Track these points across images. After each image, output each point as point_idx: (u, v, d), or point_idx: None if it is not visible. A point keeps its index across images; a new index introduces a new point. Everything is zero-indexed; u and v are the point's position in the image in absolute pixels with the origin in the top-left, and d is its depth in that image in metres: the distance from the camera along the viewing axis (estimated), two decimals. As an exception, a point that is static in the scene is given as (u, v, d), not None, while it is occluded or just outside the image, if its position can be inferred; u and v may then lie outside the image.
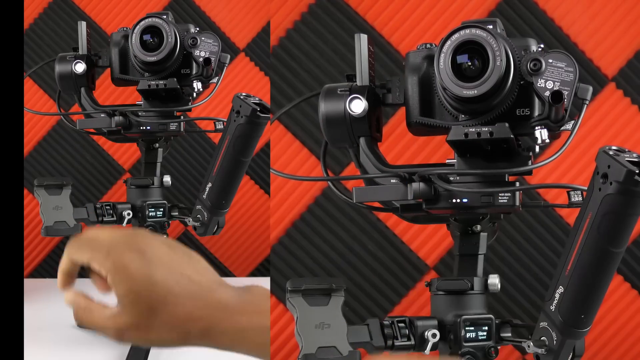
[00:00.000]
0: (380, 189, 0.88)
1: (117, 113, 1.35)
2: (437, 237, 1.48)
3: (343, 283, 0.84)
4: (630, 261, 1.45)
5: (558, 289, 0.79)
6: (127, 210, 1.36)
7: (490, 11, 1.47)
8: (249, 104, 1.18)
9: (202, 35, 1.30)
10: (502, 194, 0.85)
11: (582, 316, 0.79)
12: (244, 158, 1.23)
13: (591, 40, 1.45)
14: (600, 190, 0.75)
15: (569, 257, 0.78)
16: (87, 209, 1.34)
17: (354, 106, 0.88)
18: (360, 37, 0.90)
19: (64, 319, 1.58)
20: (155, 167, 1.41)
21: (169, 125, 1.35)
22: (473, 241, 0.91)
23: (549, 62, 0.81)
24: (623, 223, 0.75)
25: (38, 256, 2.05)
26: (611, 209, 0.74)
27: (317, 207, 1.51)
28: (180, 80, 1.32)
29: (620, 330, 1.45)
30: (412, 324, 0.87)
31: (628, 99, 1.45)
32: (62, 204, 1.32)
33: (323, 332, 0.81)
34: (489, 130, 0.82)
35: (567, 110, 0.82)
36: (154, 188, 1.39)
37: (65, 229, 1.32)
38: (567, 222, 1.46)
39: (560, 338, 0.80)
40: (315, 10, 1.51)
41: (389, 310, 1.49)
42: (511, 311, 1.46)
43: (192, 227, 1.28)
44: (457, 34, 0.82)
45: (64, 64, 1.39)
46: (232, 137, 1.20)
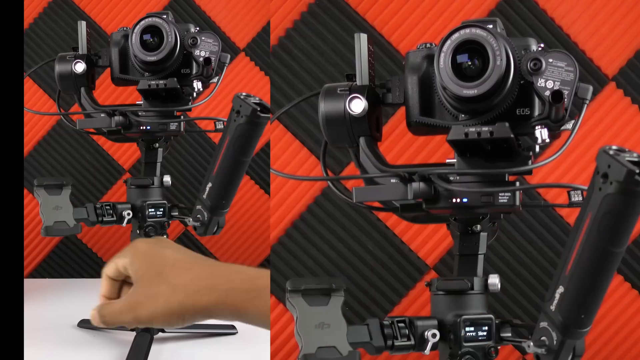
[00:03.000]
0: (380, 188, 0.88)
1: (117, 113, 1.35)
2: (437, 237, 1.48)
3: (343, 283, 0.84)
4: (630, 261, 1.45)
5: (558, 289, 0.79)
6: (127, 210, 1.36)
7: (490, 11, 1.47)
8: (249, 103, 1.18)
9: (202, 35, 1.30)
10: (502, 193, 0.85)
11: (582, 316, 0.79)
12: (244, 158, 1.23)
13: (591, 40, 1.45)
14: (600, 190, 0.74)
15: (569, 257, 0.78)
16: (87, 209, 1.34)
17: (353, 106, 0.88)
18: (360, 36, 0.90)
19: (64, 319, 1.59)
20: (155, 167, 1.41)
21: (169, 125, 1.35)
22: (473, 241, 0.91)
23: (549, 61, 0.81)
24: (623, 223, 0.75)
25: (38, 256, 2.05)
26: (611, 208, 0.74)
27: (317, 207, 1.51)
28: (180, 80, 1.32)
29: (620, 330, 1.45)
30: (412, 324, 0.87)
31: (628, 98, 1.45)
32: (62, 204, 1.32)
33: (323, 332, 0.81)
34: (489, 130, 0.82)
35: (567, 109, 0.82)
36: (154, 188, 1.39)
37: (65, 229, 1.32)
38: (567, 222, 1.46)
39: (560, 338, 0.80)
40: (315, 10, 1.51)
41: (389, 310, 1.49)
42: (511, 311, 1.46)
43: (192, 227, 1.28)
44: (457, 33, 0.82)
45: (64, 64, 1.39)
46: (232, 137, 1.20)
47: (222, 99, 1.91)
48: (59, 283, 1.98)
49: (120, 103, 1.57)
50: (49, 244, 2.05)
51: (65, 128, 2.01)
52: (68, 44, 1.60)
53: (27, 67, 1.98)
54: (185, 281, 0.79)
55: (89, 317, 0.84)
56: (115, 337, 1.50)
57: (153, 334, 1.43)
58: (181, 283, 0.79)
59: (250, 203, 1.97)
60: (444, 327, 0.88)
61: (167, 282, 0.80)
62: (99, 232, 2.03)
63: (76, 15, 2.02)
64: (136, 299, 0.81)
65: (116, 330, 1.51)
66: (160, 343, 1.45)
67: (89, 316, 0.83)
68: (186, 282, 0.79)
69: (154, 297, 0.80)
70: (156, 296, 0.80)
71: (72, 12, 2.04)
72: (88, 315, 1.23)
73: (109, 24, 2.01)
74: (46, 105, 2.03)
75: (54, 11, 2.05)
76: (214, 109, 1.92)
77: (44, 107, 2.03)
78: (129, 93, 1.92)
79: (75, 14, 2.03)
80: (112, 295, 0.86)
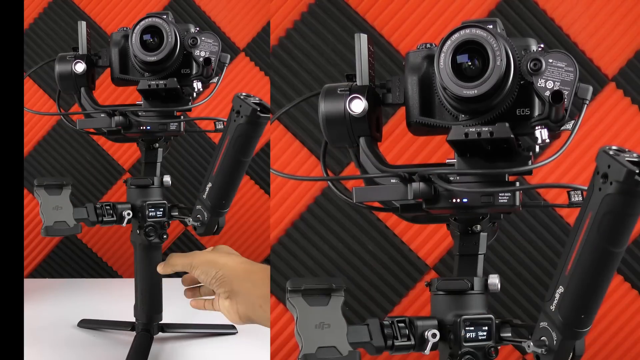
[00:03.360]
0: (380, 189, 0.88)
1: (117, 113, 1.34)
2: (437, 237, 1.48)
3: (343, 283, 0.84)
4: (630, 261, 1.45)
5: (558, 289, 0.79)
6: (127, 210, 1.36)
7: (490, 11, 1.47)
8: (249, 104, 1.18)
9: (202, 35, 1.30)
10: (502, 194, 0.85)
11: (582, 316, 0.79)
12: (244, 158, 1.23)
13: (591, 40, 1.45)
14: (600, 190, 0.75)
15: (569, 257, 0.78)
16: (87, 209, 1.34)
17: (354, 106, 0.88)
18: (360, 37, 0.90)
19: (64, 319, 1.59)
20: (155, 167, 1.41)
21: (169, 125, 1.35)
22: (473, 241, 0.91)
23: (549, 62, 0.81)
24: (623, 223, 0.75)
25: (38, 256, 2.05)
26: (611, 209, 0.74)
27: (317, 207, 1.51)
28: (180, 80, 1.31)
29: (620, 330, 1.46)
30: (412, 324, 0.87)
31: (628, 99, 1.45)
32: (62, 204, 1.32)
33: (323, 332, 0.81)
34: (489, 130, 0.82)
35: (567, 110, 0.82)
36: (154, 188, 1.39)
37: (65, 229, 1.32)
38: (567, 222, 1.46)
39: (560, 338, 0.80)
40: (315, 10, 1.51)
41: (389, 310, 1.49)
42: (511, 311, 1.46)
43: (192, 227, 1.28)
44: (457, 33, 0.82)
45: (64, 64, 1.39)
46: (232, 137, 1.20)
47: (222, 99, 1.91)
48: (59, 283, 1.98)
49: (120, 103, 1.57)
50: (49, 244, 2.05)
51: (65, 128, 2.01)
52: (68, 44, 1.60)
53: (27, 67, 1.99)
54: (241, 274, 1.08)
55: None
56: (115, 337, 1.50)
57: (153, 333, 1.43)
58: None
59: (250, 203, 1.97)
60: (444, 327, 0.88)
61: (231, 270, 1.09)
62: (99, 232, 2.03)
63: (76, 15, 2.02)
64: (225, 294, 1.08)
65: (116, 330, 1.51)
66: (160, 343, 1.45)
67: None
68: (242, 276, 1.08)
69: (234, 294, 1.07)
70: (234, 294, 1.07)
71: (72, 12, 2.04)
72: (88, 315, 1.25)
73: (109, 24, 2.01)
74: (46, 105, 2.03)
75: (54, 11, 2.05)
76: (214, 109, 1.92)
77: (44, 107, 2.03)
78: (129, 93, 1.92)
79: (75, 14, 2.03)
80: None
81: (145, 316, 1.42)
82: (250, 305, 1.05)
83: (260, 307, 1.04)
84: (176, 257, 1.16)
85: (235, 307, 1.06)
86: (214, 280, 1.08)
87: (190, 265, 1.11)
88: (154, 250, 1.42)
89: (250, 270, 1.08)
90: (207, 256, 1.12)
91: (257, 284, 1.05)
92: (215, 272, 1.08)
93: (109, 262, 2.05)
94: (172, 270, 1.16)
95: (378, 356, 0.86)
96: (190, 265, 1.11)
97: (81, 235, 2.03)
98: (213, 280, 1.08)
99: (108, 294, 1.87)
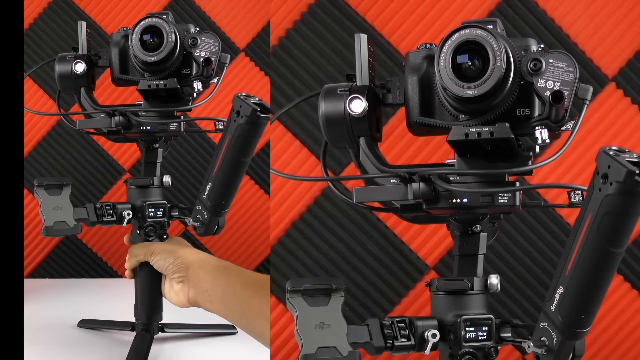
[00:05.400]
0: (380, 189, 0.88)
1: (117, 113, 1.34)
2: (437, 237, 1.48)
3: (343, 283, 0.84)
4: (630, 261, 1.45)
5: (558, 289, 0.79)
6: (127, 210, 1.36)
7: (490, 11, 1.47)
8: (249, 104, 1.18)
9: (202, 35, 1.30)
10: (502, 194, 0.85)
11: (582, 316, 0.79)
12: (244, 158, 1.23)
13: (591, 40, 1.45)
14: (600, 190, 0.75)
15: (569, 257, 0.78)
16: (87, 209, 1.34)
17: (353, 106, 0.88)
18: (360, 37, 0.90)
19: (64, 319, 1.59)
20: (155, 167, 1.41)
21: (169, 125, 1.35)
22: (473, 241, 0.91)
23: (549, 62, 0.81)
24: (623, 223, 0.75)
25: (38, 256, 2.05)
26: (611, 209, 0.74)
27: (317, 207, 1.51)
28: (180, 80, 1.31)
29: (620, 330, 1.46)
30: (412, 324, 0.87)
31: (628, 99, 1.45)
32: (62, 204, 1.32)
33: (323, 332, 0.81)
34: (490, 130, 0.82)
35: (568, 110, 0.82)
36: (154, 188, 1.39)
37: (65, 229, 1.32)
38: (567, 222, 1.46)
39: (560, 338, 0.80)
40: (315, 10, 1.51)
41: (389, 310, 1.49)
42: (511, 311, 1.46)
43: (192, 227, 1.28)
44: (458, 33, 0.82)
45: (64, 64, 1.39)
46: (232, 137, 1.20)
47: (222, 99, 1.91)
48: (59, 283, 1.98)
49: (120, 103, 1.56)
50: (49, 244, 2.05)
51: (65, 128, 2.01)
52: (68, 44, 1.60)
53: (27, 67, 1.98)
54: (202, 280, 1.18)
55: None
56: (115, 337, 1.50)
57: (153, 333, 1.43)
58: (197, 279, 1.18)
59: (250, 203, 1.97)
60: (444, 327, 0.88)
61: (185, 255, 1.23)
62: (99, 232, 2.03)
63: (76, 15, 2.02)
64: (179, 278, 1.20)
65: (116, 330, 1.51)
66: (160, 343, 1.45)
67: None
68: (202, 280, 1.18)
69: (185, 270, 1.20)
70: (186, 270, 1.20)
71: (72, 12, 2.04)
72: (88, 315, 1.25)
73: (109, 24, 2.01)
74: (46, 105, 2.03)
75: (54, 11, 2.05)
76: (214, 109, 1.92)
77: (44, 107, 2.03)
78: (129, 93, 1.92)
79: (75, 14, 2.03)
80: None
81: (145, 316, 1.42)
82: (200, 290, 1.17)
83: (206, 291, 1.15)
84: (137, 247, 1.32)
85: (186, 291, 1.19)
86: (171, 266, 1.21)
87: (151, 253, 1.26)
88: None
89: (205, 260, 1.21)
90: (166, 246, 1.28)
91: (210, 272, 1.17)
92: (173, 259, 1.22)
93: (109, 262, 2.05)
94: (136, 260, 1.31)
95: (378, 356, 0.86)
96: (152, 252, 1.26)
97: (81, 235, 2.03)
98: (170, 266, 1.21)
99: (108, 294, 1.87)
